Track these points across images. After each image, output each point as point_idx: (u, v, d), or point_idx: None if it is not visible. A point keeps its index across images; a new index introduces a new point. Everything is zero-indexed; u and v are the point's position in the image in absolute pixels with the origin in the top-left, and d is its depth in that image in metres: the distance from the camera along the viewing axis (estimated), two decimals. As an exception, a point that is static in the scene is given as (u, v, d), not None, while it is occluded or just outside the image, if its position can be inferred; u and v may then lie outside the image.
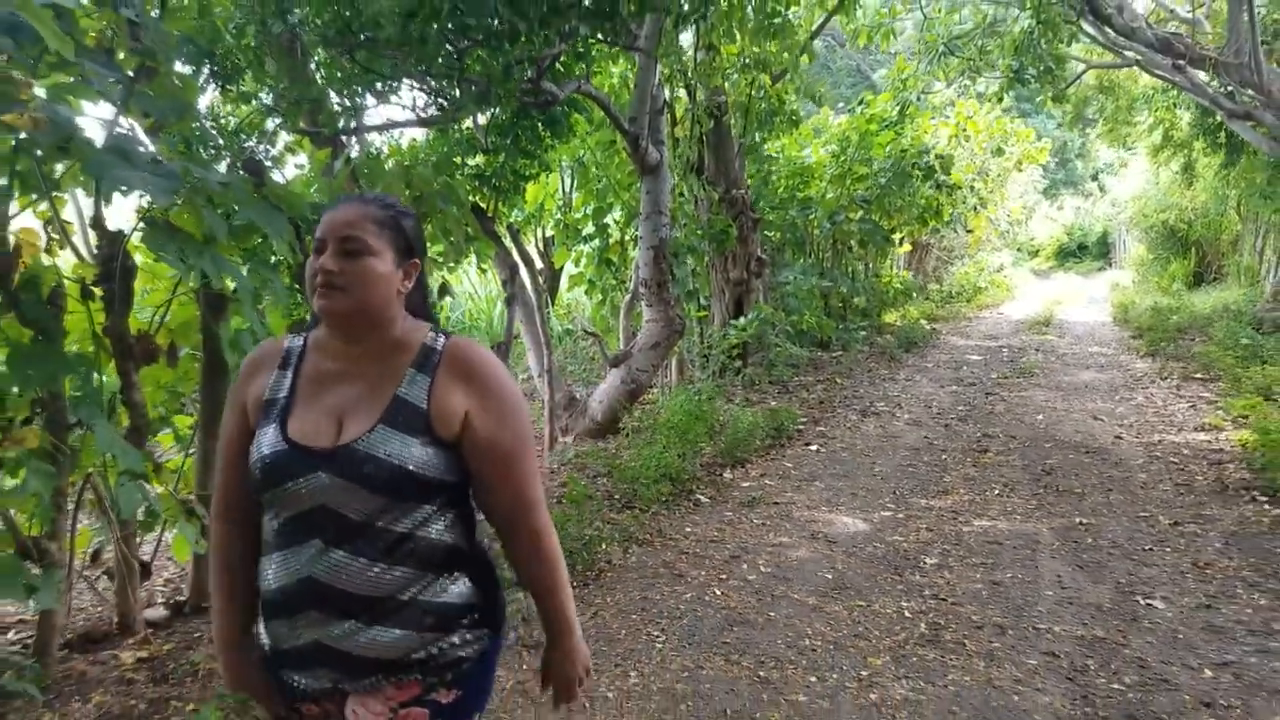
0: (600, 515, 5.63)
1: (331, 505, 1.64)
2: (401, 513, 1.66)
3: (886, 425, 8.71)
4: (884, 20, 15.17)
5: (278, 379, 1.78)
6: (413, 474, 1.65)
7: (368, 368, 1.74)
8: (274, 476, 1.68)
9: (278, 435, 1.70)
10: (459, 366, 1.73)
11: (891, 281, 18.63)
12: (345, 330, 1.73)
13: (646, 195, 8.64)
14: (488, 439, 1.70)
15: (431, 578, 1.70)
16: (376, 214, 1.73)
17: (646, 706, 3.52)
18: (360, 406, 1.70)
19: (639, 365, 8.57)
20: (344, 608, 1.65)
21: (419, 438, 1.66)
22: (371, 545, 1.64)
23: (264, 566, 1.74)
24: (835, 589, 4.68)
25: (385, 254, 1.71)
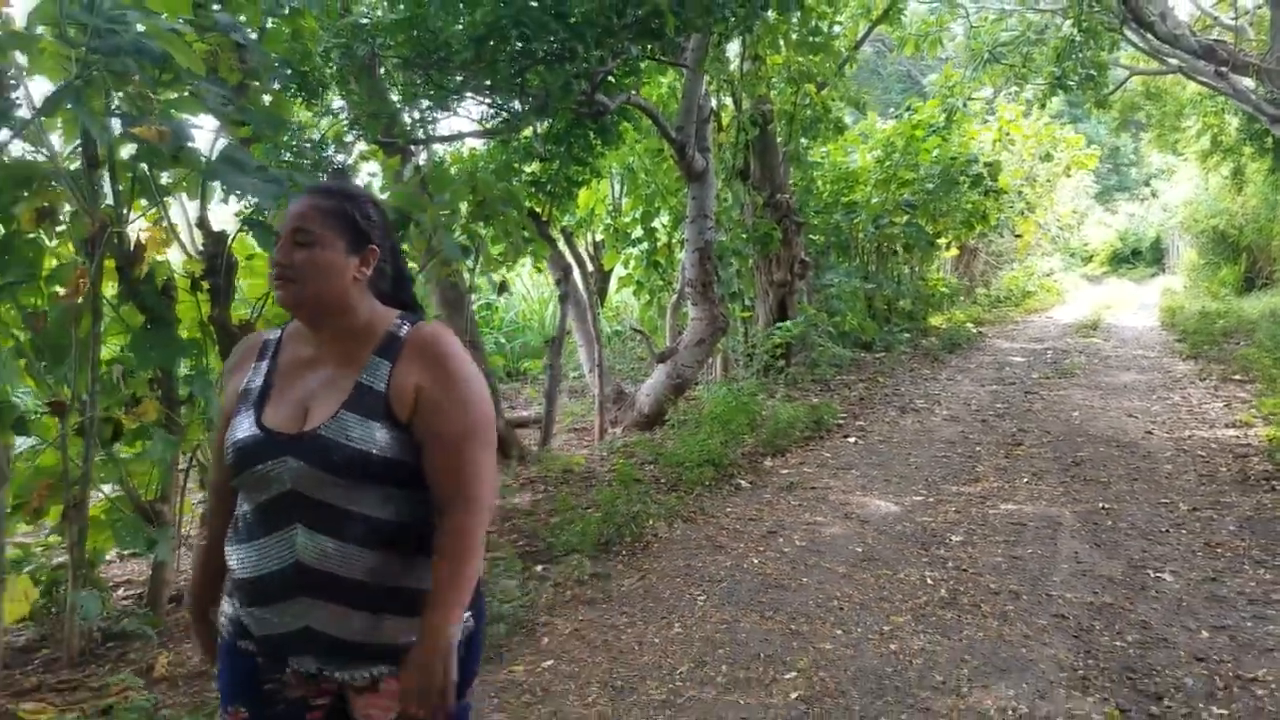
0: (648, 496, 6.05)
1: (303, 490, 1.71)
2: (371, 495, 1.72)
3: (924, 421, 9.03)
4: (930, 29, 15.45)
5: (256, 369, 1.87)
6: (375, 457, 1.71)
7: (334, 355, 1.81)
8: (245, 461, 1.76)
9: (252, 422, 1.78)
10: (418, 350, 1.78)
11: (937, 285, 18.84)
12: (305, 319, 1.82)
13: (693, 200, 9.07)
14: (435, 417, 1.74)
15: (415, 560, 1.76)
16: (325, 204, 1.80)
17: (689, 650, 3.94)
18: (325, 393, 1.77)
19: (684, 361, 8.99)
20: (334, 594, 1.71)
21: (380, 422, 1.72)
22: (349, 529, 1.71)
23: (237, 554, 1.79)
24: (864, 560, 5.06)
25: (335, 243, 1.77)
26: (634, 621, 4.30)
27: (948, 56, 19.90)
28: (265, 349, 1.90)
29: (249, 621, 1.78)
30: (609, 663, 3.87)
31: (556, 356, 8.20)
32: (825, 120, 12.00)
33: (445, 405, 1.73)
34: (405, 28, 4.72)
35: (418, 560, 1.76)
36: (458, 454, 1.73)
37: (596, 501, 5.96)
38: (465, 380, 1.76)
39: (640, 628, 4.22)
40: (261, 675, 1.78)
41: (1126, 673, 3.69)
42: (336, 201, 1.81)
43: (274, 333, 1.93)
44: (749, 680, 3.68)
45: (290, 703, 1.78)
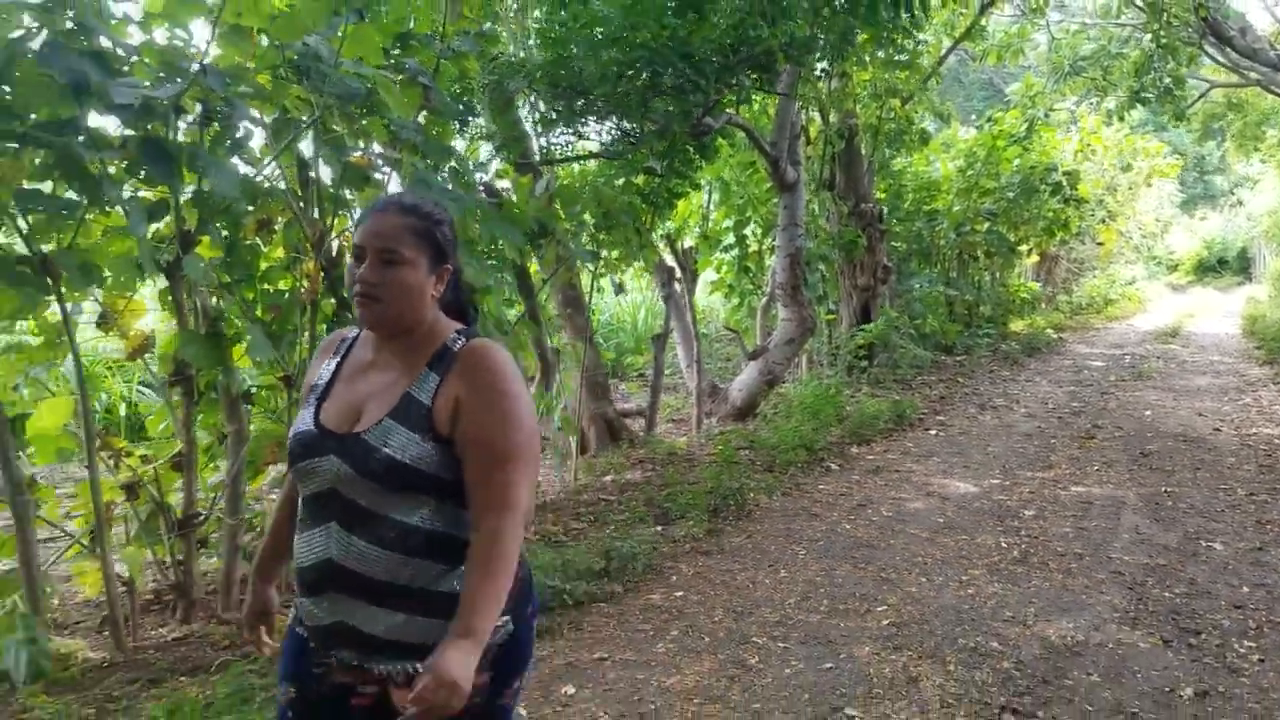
0: (748, 473, 6.81)
1: (341, 490, 1.75)
2: (410, 505, 1.75)
3: (1003, 417, 9.63)
4: (1012, 41, 15.94)
5: (328, 365, 1.94)
6: (409, 468, 1.72)
7: (394, 363, 1.85)
8: (297, 453, 1.82)
9: (311, 416, 1.85)
10: (465, 365, 1.79)
11: (1018, 291, 19.23)
12: (382, 334, 1.86)
13: (784, 210, 9.81)
14: (474, 429, 1.75)
15: (450, 568, 1.78)
16: (414, 224, 1.81)
17: (794, 588, 4.70)
18: (377, 398, 1.81)
19: (775, 359, 9.72)
20: (364, 592, 1.74)
21: (421, 434, 1.74)
22: (387, 534, 1.74)
23: (296, 542, 1.86)
24: (945, 528, 5.75)
25: (420, 263, 1.81)
26: (745, 568, 5.07)
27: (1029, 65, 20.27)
28: (341, 346, 1.97)
29: (300, 610, 1.86)
30: (728, 595, 4.65)
31: (660, 352, 8.99)
32: (909, 132, 12.64)
33: (485, 418, 1.75)
34: (553, 67, 5.55)
35: (450, 568, 1.78)
36: (494, 467, 1.73)
37: (702, 478, 6.73)
38: (507, 396, 1.77)
39: (751, 572, 4.99)
40: (312, 658, 1.85)
41: (1172, 615, 4.35)
42: (422, 221, 1.83)
43: (353, 331, 2.00)
44: (847, 610, 4.42)
45: (335, 687, 1.83)
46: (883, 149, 12.56)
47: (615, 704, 3.56)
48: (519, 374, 1.82)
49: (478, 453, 1.74)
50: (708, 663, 3.89)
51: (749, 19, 5.18)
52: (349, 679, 1.82)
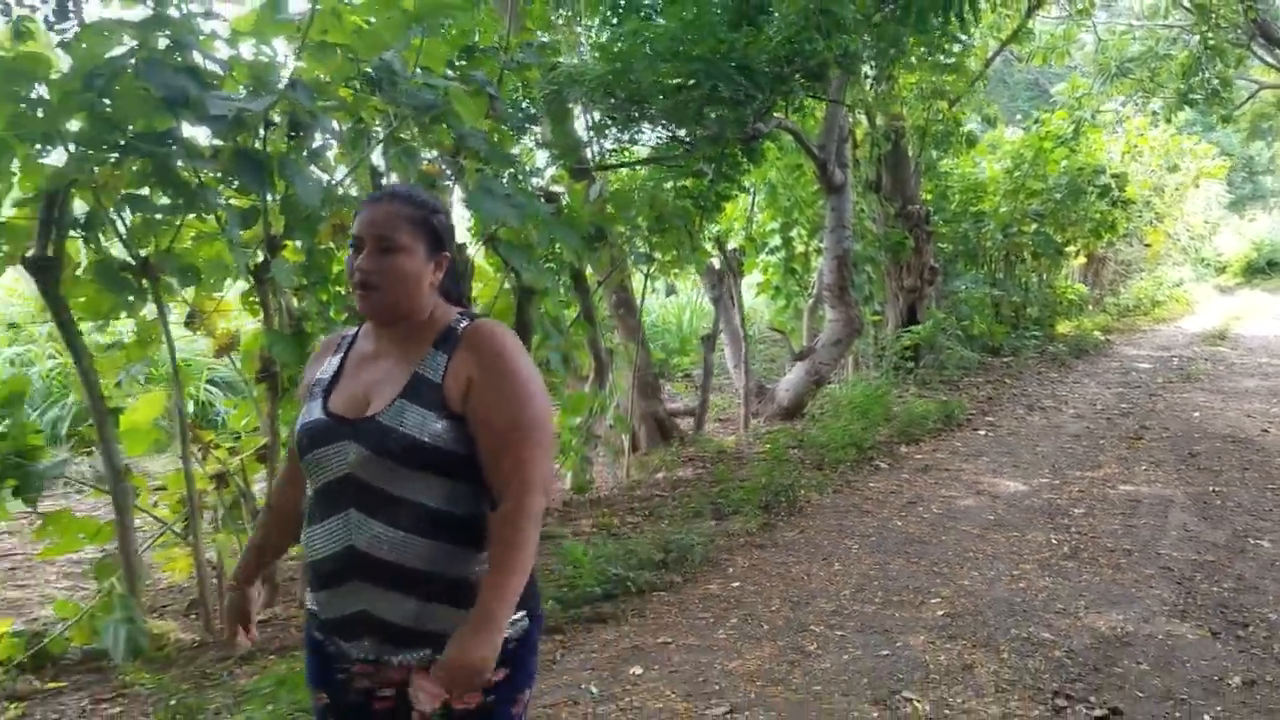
0: (798, 471, 6.96)
1: (359, 475, 1.77)
2: (426, 485, 1.76)
3: (1051, 418, 9.69)
4: (1058, 43, 15.93)
5: (330, 363, 1.97)
6: (426, 445, 1.75)
7: (397, 349, 1.87)
8: (311, 443, 1.84)
9: (319, 407, 1.87)
10: (473, 343, 1.82)
11: (1065, 293, 19.17)
12: (381, 322, 1.89)
13: (832, 211, 9.94)
14: (485, 406, 1.77)
15: (471, 553, 1.79)
16: (410, 212, 1.83)
17: (849, 580, 4.86)
18: (386, 383, 1.83)
19: (822, 359, 9.86)
20: (387, 579, 1.75)
21: (435, 412, 1.77)
22: (403, 516, 1.75)
23: (305, 537, 1.87)
24: (996, 525, 5.88)
25: (417, 250, 1.83)
26: (799, 561, 5.23)
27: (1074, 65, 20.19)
28: (341, 344, 2.00)
29: (315, 606, 1.87)
30: (784, 586, 4.82)
31: (709, 352, 9.16)
32: (956, 134, 12.72)
33: (495, 397, 1.77)
34: (612, 79, 5.76)
35: (470, 552, 1.79)
36: (508, 445, 1.75)
37: (752, 475, 6.89)
38: (517, 374, 1.79)
39: (805, 565, 5.15)
40: (334, 664, 1.87)
41: (1220, 608, 4.46)
42: (417, 209, 1.85)
43: (350, 330, 2.04)
44: (901, 601, 4.58)
45: (358, 692, 1.86)
46: (929, 151, 12.65)
47: (681, 684, 3.74)
48: (525, 351, 1.85)
49: (490, 430, 1.76)
50: (767, 648, 4.06)
51: (804, 32, 5.35)
52: (367, 683, 1.84)
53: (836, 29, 5.48)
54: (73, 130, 4.08)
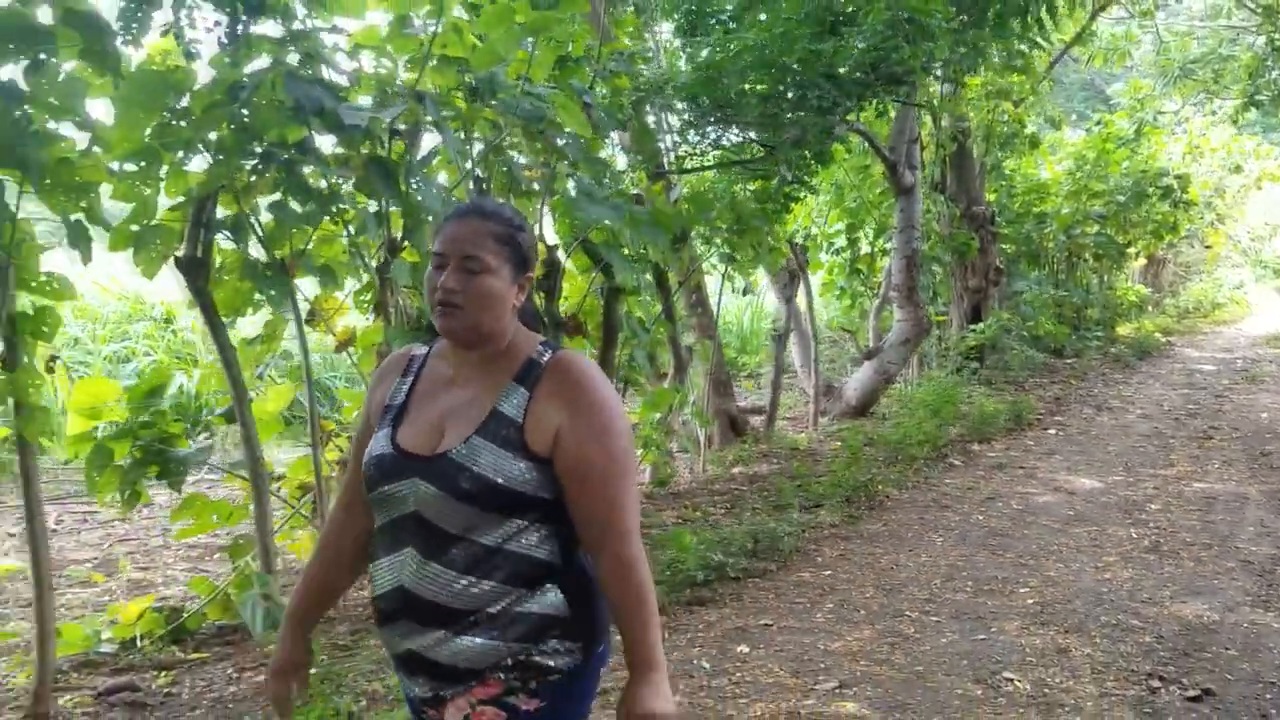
0: (874, 468, 7.15)
1: (425, 514, 1.69)
2: (492, 525, 1.68)
3: (1119, 418, 9.77)
4: (1119, 43, 15.91)
5: (398, 386, 1.85)
6: (502, 488, 1.66)
7: (475, 378, 1.77)
8: (377, 478, 1.75)
9: (388, 439, 1.77)
10: (557, 380, 1.73)
11: (1126, 294, 19.10)
12: (462, 344, 1.77)
13: (901, 213, 10.09)
14: (576, 455, 1.69)
15: (521, 591, 1.70)
16: (497, 230, 1.75)
17: (938, 571, 5.05)
18: (461, 416, 1.74)
19: (890, 358, 10.02)
20: (431, 618, 1.69)
21: (512, 452, 1.68)
22: (461, 558, 1.67)
23: (373, 571, 1.79)
24: (1075, 520, 6.02)
25: (503, 271, 1.73)
26: (886, 551, 5.42)
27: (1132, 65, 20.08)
28: (411, 365, 1.88)
29: (382, 640, 1.82)
30: (874, 575, 5.02)
31: (781, 351, 9.36)
32: (1020, 136, 12.80)
33: (586, 438, 1.69)
34: (705, 87, 6.00)
35: (530, 590, 1.70)
36: (600, 488, 1.68)
37: (829, 470, 7.09)
38: (603, 407, 1.72)
39: (893, 555, 5.34)
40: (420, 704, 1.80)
41: (1304, 600, 4.59)
42: (504, 227, 1.76)
43: (421, 349, 1.91)
44: (991, 591, 4.76)
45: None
46: (994, 152, 12.74)
47: (787, 661, 3.96)
48: (609, 384, 1.78)
49: (581, 474, 1.68)
50: (866, 631, 4.27)
51: (890, 40, 5.55)
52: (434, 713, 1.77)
53: (922, 36, 5.68)
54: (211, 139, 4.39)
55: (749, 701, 3.62)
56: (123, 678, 4.11)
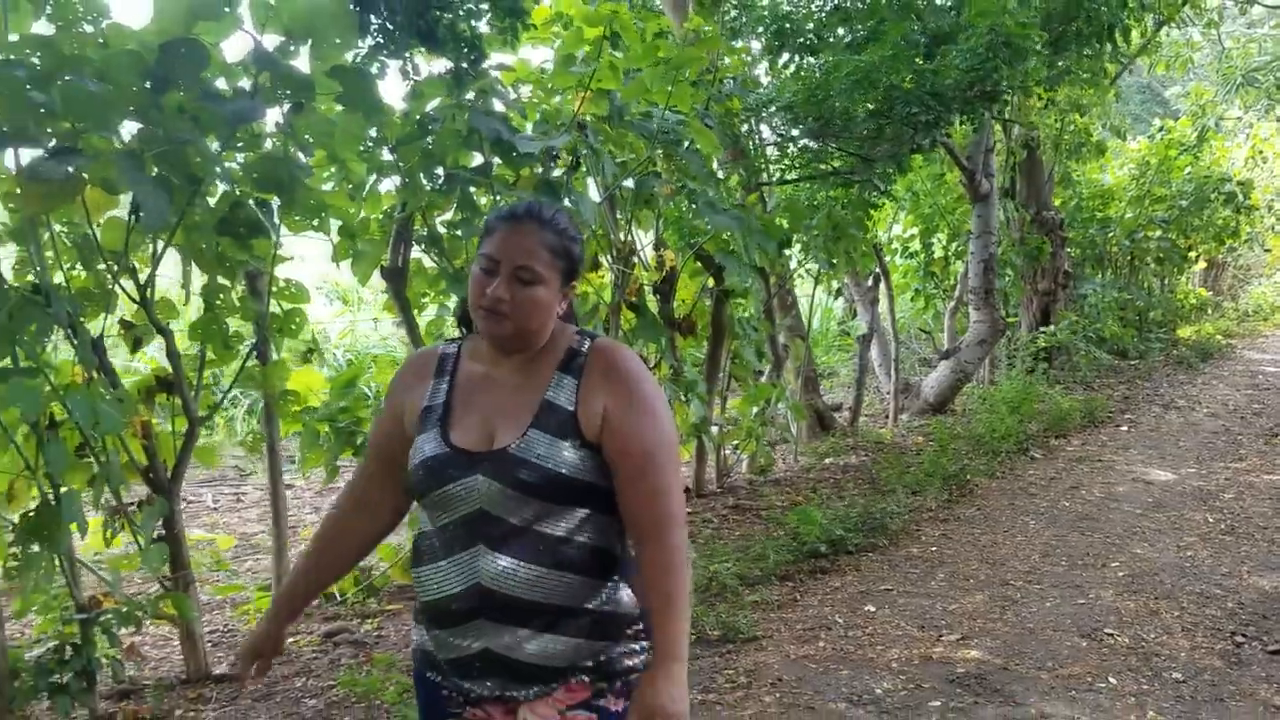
0: (962, 459, 7.71)
1: (490, 509, 1.69)
2: (557, 516, 1.70)
3: (1187, 416, 10.22)
4: (1181, 51, 16.24)
5: (435, 386, 1.83)
6: (565, 477, 1.69)
7: (516, 372, 1.79)
8: (435, 479, 1.73)
9: (439, 439, 1.76)
10: (601, 366, 1.75)
11: (1187, 297, 19.38)
12: (504, 349, 1.78)
13: (978, 219, 10.62)
14: (623, 436, 1.71)
15: (596, 583, 1.73)
16: (551, 241, 1.73)
17: (1034, 548, 5.62)
18: (511, 411, 1.75)
19: (967, 358, 10.55)
20: (513, 615, 1.69)
21: (568, 440, 1.70)
22: (533, 550, 1.68)
23: (421, 576, 1.78)
24: (1154, 507, 6.55)
25: (553, 281, 1.73)
26: (985, 532, 6.00)
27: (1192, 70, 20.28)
28: (443, 364, 1.86)
29: (433, 646, 1.79)
30: (977, 551, 5.60)
31: (865, 350, 9.95)
32: (1088, 144, 13.26)
33: (633, 423, 1.72)
34: (812, 106, 6.62)
35: (596, 582, 1.74)
36: (645, 473, 1.71)
37: (918, 462, 7.65)
38: (648, 397, 1.75)
39: (991, 535, 5.92)
40: (448, 708, 1.81)
41: (1372, 576, 5.11)
42: (558, 237, 1.75)
43: (450, 347, 1.90)
44: (1085, 565, 5.33)
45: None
46: (1062, 159, 13.21)
47: (911, 618, 4.57)
48: (649, 371, 1.82)
49: (627, 458, 1.71)
50: (978, 596, 4.86)
51: (989, 60, 6.12)
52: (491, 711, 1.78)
53: (1017, 57, 6.25)
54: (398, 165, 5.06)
55: (884, 649, 4.23)
56: (336, 623, 4.82)
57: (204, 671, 4.11)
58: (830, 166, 8.40)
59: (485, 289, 1.71)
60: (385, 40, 3.93)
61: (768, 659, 4.12)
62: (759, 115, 7.31)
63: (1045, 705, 3.65)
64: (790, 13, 8.91)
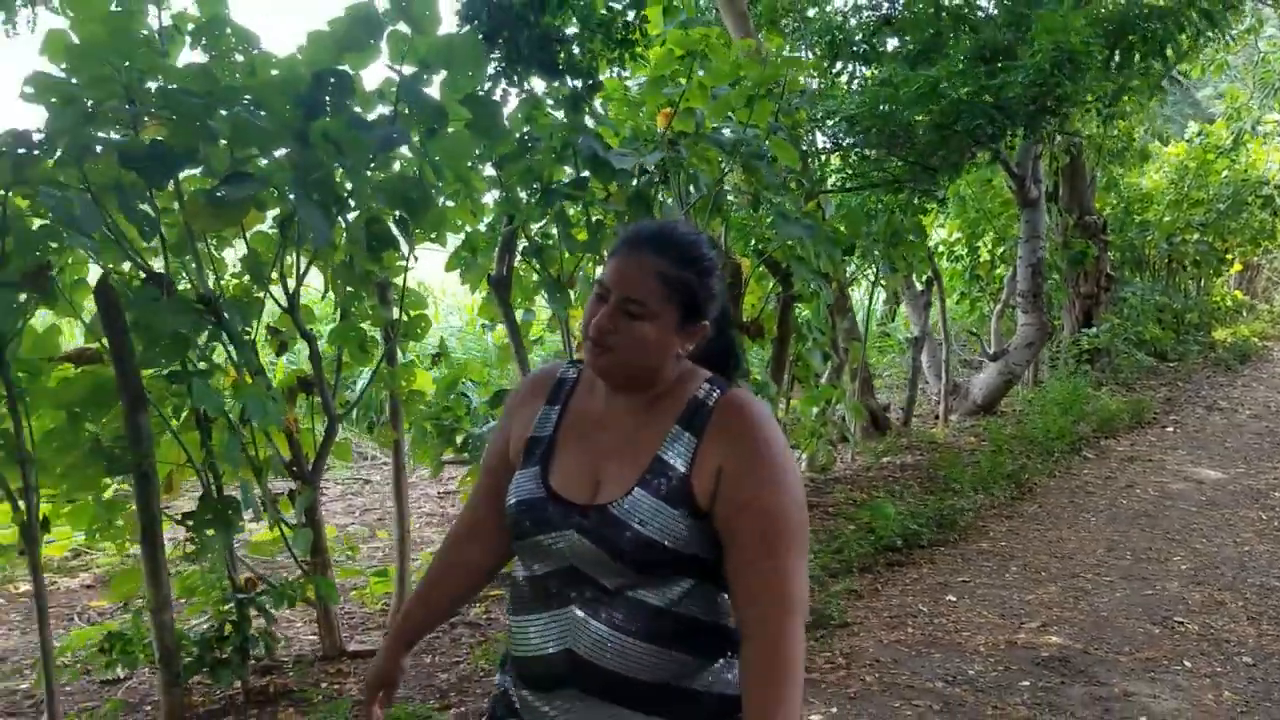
0: (1019, 458, 7.99)
1: (581, 568, 1.52)
2: (658, 585, 1.51)
3: (1230, 418, 10.46)
4: (1218, 55, 16.38)
5: (545, 414, 1.66)
6: (666, 548, 1.49)
7: (632, 417, 1.59)
8: (526, 526, 1.57)
9: (538, 480, 1.59)
10: (724, 422, 1.54)
11: (1224, 300, 19.54)
12: (612, 384, 1.61)
13: (1026, 223, 10.88)
14: (739, 504, 1.49)
15: (706, 662, 1.55)
16: (668, 271, 1.53)
17: (1098, 544, 5.92)
18: (618, 463, 1.56)
19: (1015, 360, 10.81)
20: (610, 691, 1.51)
21: (678, 508, 1.50)
22: (636, 620, 1.50)
23: (513, 624, 1.60)
24: (1208, 505, 6.83)
25: (668, 317, 1.54)
26: (1049, 528, 6.29)
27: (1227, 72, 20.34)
28: (559, 389, 1.69)
29: (519, 703, 1.61)
30: (1045, 546, 5.90)
31: (918, 352, 10.24)
32: (1130, 149, 13.50)
33: (750, 486, 1.50)
34: (876, 119, 6.95)
35: (704, 662, 1.55)
36: (764, 550, 1.47)
37: (974, 461, 7.93)
38: (775, 457, 1.52)
39: (1055, 531, 6.21)
40: None
41: None
42: (680, 269, 1.55)
43: (571, 371, 1.71)
44: (1149, 559, 5.62)
45: None
46: (1105, 164, 13.45)
47: (992, 607, 4.87)
48: (780, 432, 1.58)
49: (746, 533, 1.48)
50: (1051, 588, 5.16)
51: (1052, 76, 6.42)
52: None
53: (1078, 73, 6.55)
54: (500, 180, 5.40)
55: (970, 634, 4.54)
56: (449, 609, 5.16)
57: (339, 648, 4.46)
58: (889, 174, 8.72)
59: (593, 317, 1.54)
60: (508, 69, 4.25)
61: (861, 643, 4.44)
62: (820, 125, 7.62)
63: (1128, 684, 3.95)
64: (841, 23, 9.26)
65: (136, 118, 3.65)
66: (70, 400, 3.83)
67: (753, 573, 1.47)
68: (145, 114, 3.65)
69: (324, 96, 3.89)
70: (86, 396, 3.87)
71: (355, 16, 3.99)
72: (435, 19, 4.08)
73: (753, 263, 7.17)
